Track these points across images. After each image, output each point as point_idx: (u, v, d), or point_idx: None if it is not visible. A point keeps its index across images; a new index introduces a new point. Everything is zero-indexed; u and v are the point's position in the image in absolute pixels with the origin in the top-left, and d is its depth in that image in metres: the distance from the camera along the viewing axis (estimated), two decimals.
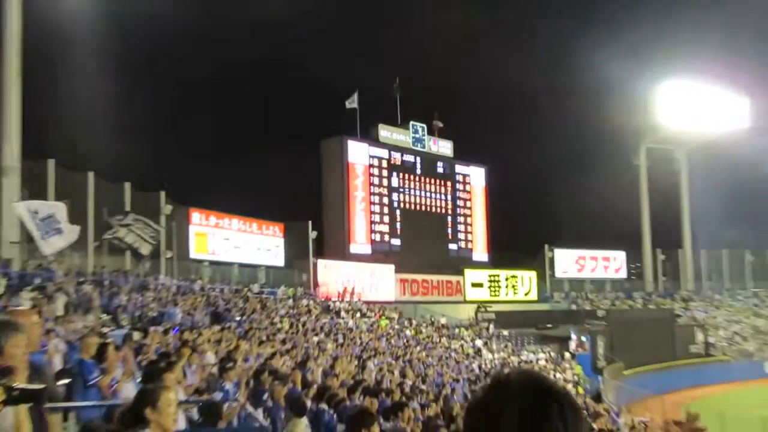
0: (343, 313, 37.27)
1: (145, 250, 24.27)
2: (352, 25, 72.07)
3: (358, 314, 38.33)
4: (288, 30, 66.64)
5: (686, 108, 58.70)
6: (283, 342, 23.17)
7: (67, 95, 37.14)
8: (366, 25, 73.53)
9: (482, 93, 75.62)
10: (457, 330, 42.29)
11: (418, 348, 33.20)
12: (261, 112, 65.81)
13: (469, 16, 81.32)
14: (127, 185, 35.33)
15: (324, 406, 10.85)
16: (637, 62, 59.28)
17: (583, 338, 43.29)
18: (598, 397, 32.71)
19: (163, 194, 36.95)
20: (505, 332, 44.57)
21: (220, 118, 64.17)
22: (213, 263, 39.52)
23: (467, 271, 51.40)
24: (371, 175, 46.96)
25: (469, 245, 53.16)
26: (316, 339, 27.08)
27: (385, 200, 47.66)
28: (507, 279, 53.31)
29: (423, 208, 50.13)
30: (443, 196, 51.63)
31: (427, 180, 50.60)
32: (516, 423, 1.53)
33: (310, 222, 44.33)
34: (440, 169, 51.61)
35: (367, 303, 41.46)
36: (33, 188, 31.02)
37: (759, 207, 65.67)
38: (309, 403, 10.25)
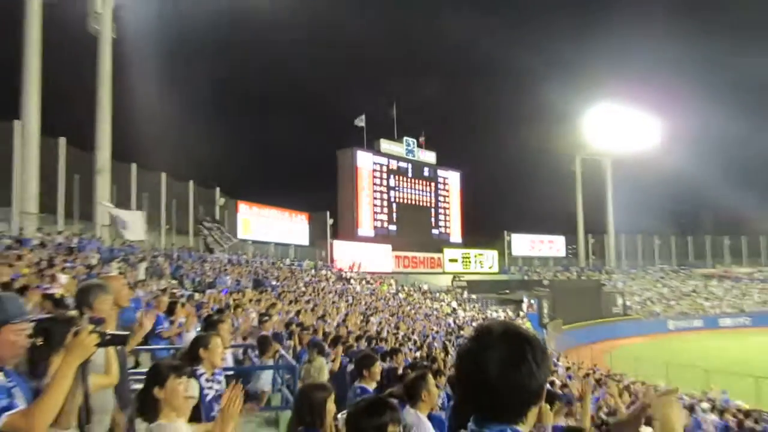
0: (352, 281, 37.25)
1: (216, 249, 24.18)
2: (361, 66, 72.21)
3: (364, 281, 38.31)
4: (316, 68, 66.66)
5: (609, 128, 58.60)
6: (307, 302, 23.16)
7: (145, 110, 37.04)
8: (371, 66, 73.67)
9: (458, 116, 75.93)
10: (438, 294, 42.29)
11: (409, 307, 33.16)
12: (293, 129, 65.97)
13: (448, 58, 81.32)
14: (191, 183, 35.30)
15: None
16: (573, 91, 59.61)
17: (532, 301, 43.35)
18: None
19: (218, 190, 36.97)
20: (474, 296, 44.52)
21: (262, 132, 64.38)
22: (255, 242, 39.53)
23: (446, 250, 51.33)
24: (374, 177, 46.84)
25: (448, 230, 53.10)
26: (331, 299, 27.12)
27: (385, 196, 47.56)
28: (476, 256, 53.27)
29: (413, 202, 50.05)
30: (428, 194, 51.52)
31: (416, 181, 50.48)
32: (499, 364, 1.51)
33: (328, 212, 44.38)
34: (426, 173, 51.46)
35: (370, 273, 41.42)
36: (120, 186, 31.03)
37: (664, 204, 66.10)
38: (326, 348, 10.23)
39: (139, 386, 3.44)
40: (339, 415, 3.41)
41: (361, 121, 46.15)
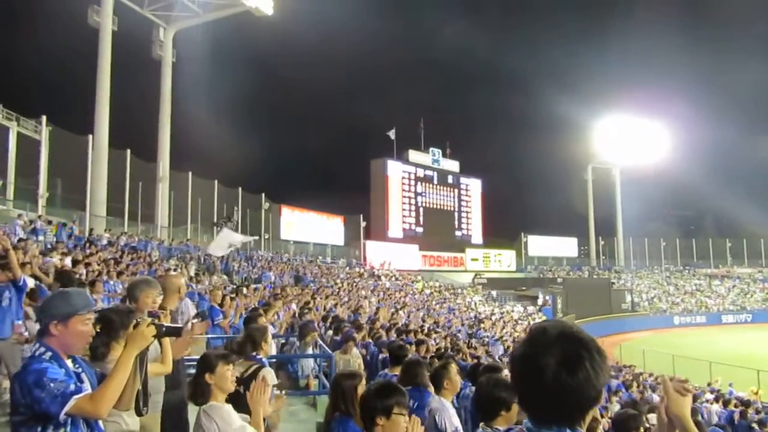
0: (383, 278, 37.23)
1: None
2: (392, 83, 72.43)
3: (393, 278, 38.26)
4: (349, 86, 67.11)
5: (618, 140, 57.20)
6: (342, 296, 23.22)
7: (199, 125, 37.60)
8: (401, 82, 73.88)
9: (479, 128, 75.51)
10: (460, 290, 42.00)
11: (434, 302, 33.03)
12: (331, 141, 66.48)
13: (471, 74, 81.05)
14: (240, 189, 35.71)
15: (369, 340, 10.81)
16: (585, 104, 58.81)
17: (547, 297, 42.70)
18: None
19: (263, 195, 37.31)
20: (494, 292, 43.98)
21: (302, 143, 65.02)
22: (295, 242, 39.78)
23: (468, 250, 50.96)
24: (403, 184, 46.74)
25: (470, 232, 52.68)
26: (364, 295, 27.13)
27: (413, 201, 47.43)
28: (495, 256, 52.73)
29: (438, 206, 49.78)
30: (452, 199, 51.20)
31: (441, 187, 50.22)
32: (554, 370, 1.33)
33: (361, 215, 44.55)
34: (450, 180, 51.17)
35: (399, 271, 41.33)
36: (177, 192, 31.54)
37: (670, 209, 64.70)
38: (359, 338, 10.19)
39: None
40: None
41: (392, 134, 46.25)
